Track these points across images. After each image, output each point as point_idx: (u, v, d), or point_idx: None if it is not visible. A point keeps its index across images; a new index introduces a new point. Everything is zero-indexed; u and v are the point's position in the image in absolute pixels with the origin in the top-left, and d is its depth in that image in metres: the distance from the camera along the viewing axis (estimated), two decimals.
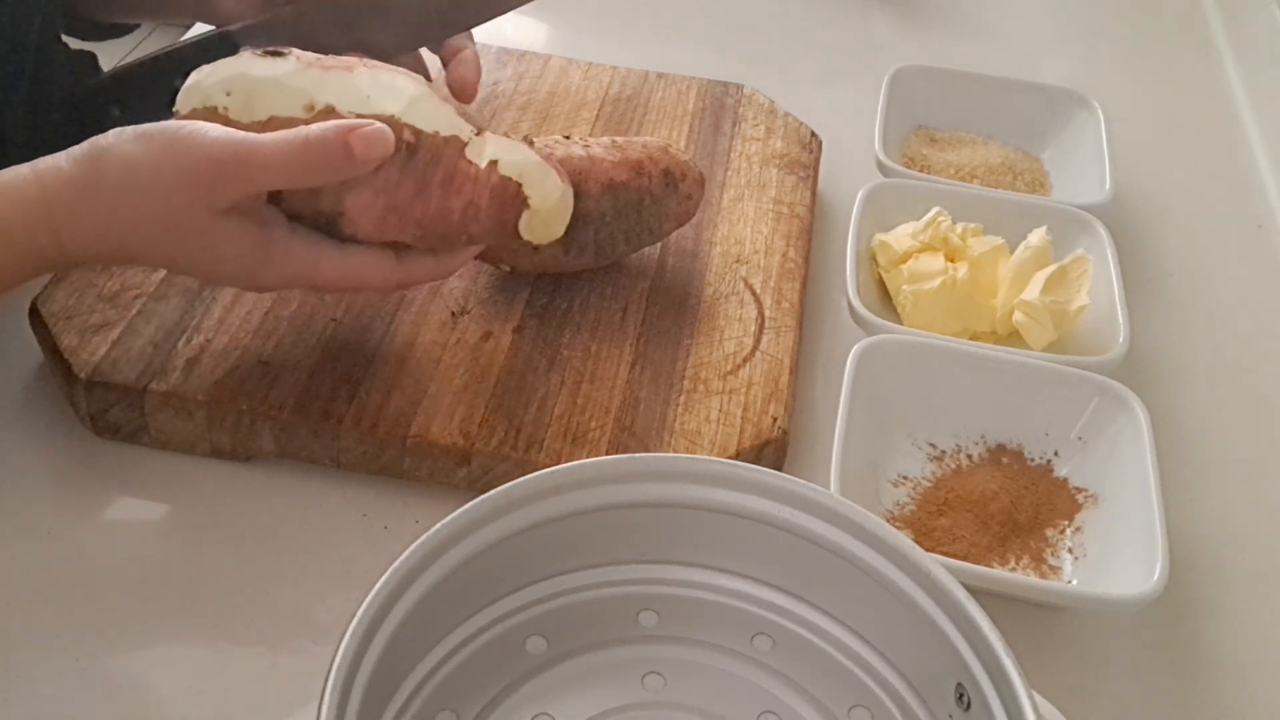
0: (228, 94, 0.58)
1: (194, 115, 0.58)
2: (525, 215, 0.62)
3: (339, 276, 0.60)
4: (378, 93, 0.59)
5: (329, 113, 0.58)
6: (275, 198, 0.58)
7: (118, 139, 0.55)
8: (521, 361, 0.67)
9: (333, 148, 0.55)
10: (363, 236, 0.60)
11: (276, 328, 0.67)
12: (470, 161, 0.60)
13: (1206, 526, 0.68)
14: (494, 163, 0.61)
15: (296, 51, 0.60)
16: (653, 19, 1.08)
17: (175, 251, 0.57)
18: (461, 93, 0.72)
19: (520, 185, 0.61)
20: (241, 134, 0.55)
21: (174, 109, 0.59)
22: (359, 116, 0.57)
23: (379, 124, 0.57)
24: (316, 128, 0.56)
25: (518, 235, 0.63)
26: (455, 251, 0.63)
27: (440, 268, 0.63)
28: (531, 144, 0.64)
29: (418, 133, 0.59)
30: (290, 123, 0.57)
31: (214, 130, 0.55)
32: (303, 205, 0.59)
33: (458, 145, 0.60)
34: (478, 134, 0.61)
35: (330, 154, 0.55)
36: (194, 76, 0.59)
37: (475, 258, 0.70)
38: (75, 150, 0.55)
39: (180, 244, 0.56)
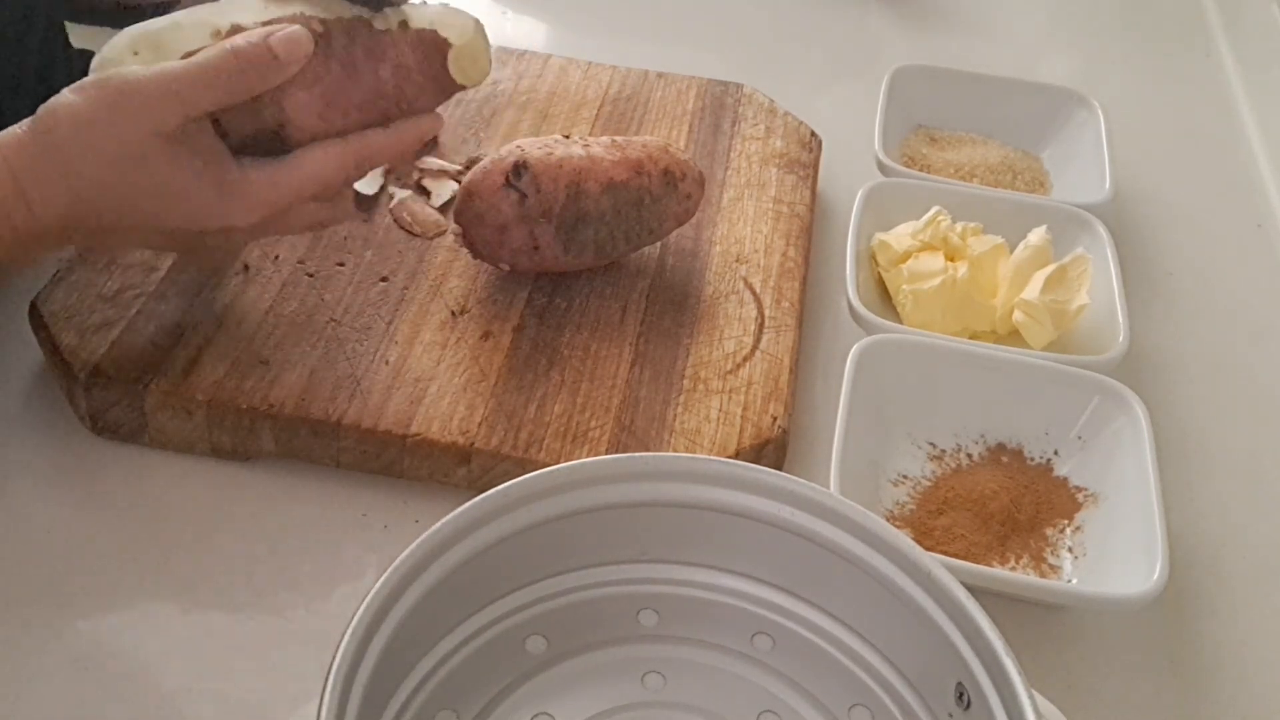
0: (135, 53, 0.59)
1: None
2: (451, 56, 0.63)
3: (300, 183, 0.60)
4: (269, 2, 0.60)
5: (236, 30, 0.59)
6: (219, 131, 0.59)
7: (58, 98, 0.56)
8: (521, 361, 0.67)
9: (259, 53, 0.57)
10: (310, 138, 0.61)
11: (276, 327, 0.67)
12: (384, 30, 0.62)
13: (1206, 526, 0.68)
14: (403, 22, 0.62)
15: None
16: (653, 19, 1.08)
17: (132, 196, 0.57)
18: None
19: (435, 30, 0.62)
20: (170, 63, 0.57)
21: None
22: (265, 24, 0.59)
23: (294, 25, 0.58)
24: (238, 38, 0.57)
25: (452, 82, 0.64)
26: (404, 121, 0.63)
27: (393, 137, 0.63)
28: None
29: (324, 20, 0.60)
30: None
31: (142, 68, 0.57)
32: (246, 124, 0.59)
33: (364, 22, 0.61)
34: (371, 10, 0.62)
35: (257, 60, 0.57)
36: (98, 55, 0.60)
37: (475, 257, 0.71)
38: (27, 119, 0.56)
39: (134, 184, 0.57)
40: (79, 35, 0.83)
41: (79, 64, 0.86)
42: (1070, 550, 0.63)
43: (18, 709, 0.53)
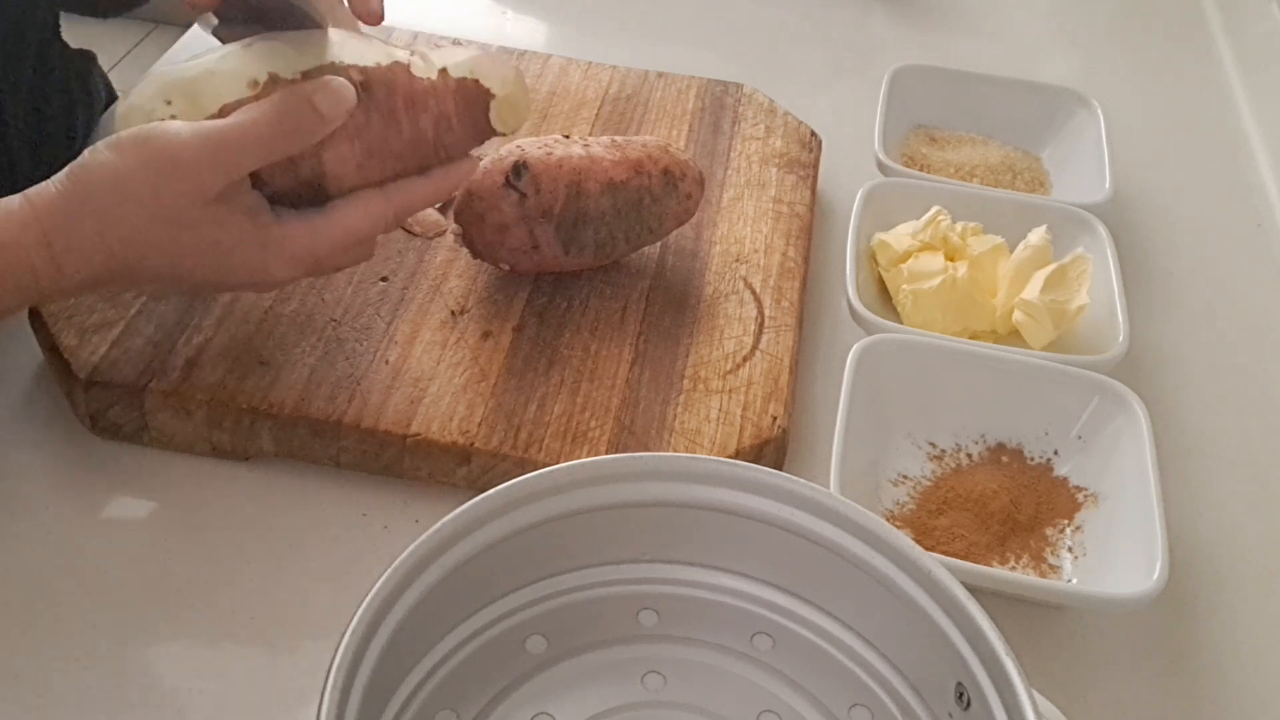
0: (168, 103, 0.57)
1: None
2: (493, 106, 0.62)
3: (341, 235, 0.59)
4: (304, 50, 0.59)
5: (273, 82, 0.58)
6: (257, 182, 0.58)
7: (93, 155, 0.55)
8: (521, 361, 0.67)
9: (302, 111, 0.56)
10: (349, 190, 0.60)
11: (276, 327, 0.67)
12: (424, 78, 0.61)
13: (1206, 525, 0.68)
14: (443, 70, 0.61)
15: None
16: (653, 19, 1.08)
17: (176, 254, 0.57)
18: (368, 16, 0.72)
19: (477, 80, 0.62)
20: (211, 122, 0.56)
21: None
22: (303, 74, 0.58)
23: (335, 77, 0.57)
24: (279, 96, 0.56)
25: (490, 129, 0.63)
26: (442, 169, 0.63)
27: (432, 186, 0.62)
28: (459, 44, 0.65)
29: (363, 70, 0.59)
30: (241, 105, 0.57)
31: (183, 125, 0.55)
32: (285, 180, 0.59)
33: (403, 69, 0.60)
34: (410, 54, 0.61)
35: (301, 117, 0.56)
36: (123, 99, 0.59)
37: (475, 256, 0.71)
38: (59, 175, 0.55)
39: (178, 243, 0.56)
40: (76, 36, 0.83)
41: (76, 64, 0.86)
42: (1070, 550, 0.63)
43: (17, 709, 0.53)
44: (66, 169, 0.55)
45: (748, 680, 0.49)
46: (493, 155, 0.70)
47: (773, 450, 0.66)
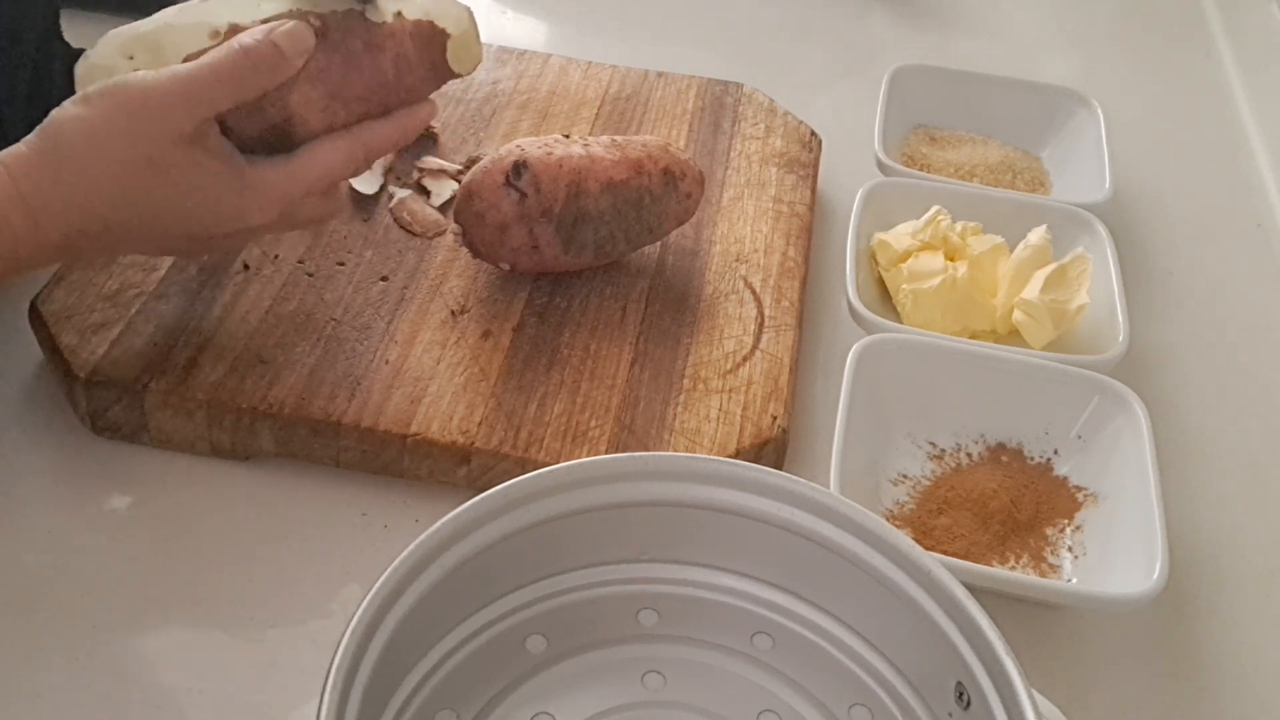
0: (130, 57, 0.59)
1: None
2: (449, 46, 0.64)
3: (313, 176, 0.60)
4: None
5: (233, 31, 0.59)
6: (225, 131, 0.59)
7: (62, 111, 0.56)
8: (521, 360, 0.67)
9: (264, 51, 0.57)
10: (315, 133, 0.61)
11: (276, 326, 0.67)
12: (378, 22, 0.62)
13: (1206, 525, 0.68)
14: (398, 14, 0.62)
15: None
16: (653, 18, 1.07)
17: (153, 206, 0.57)
18: None
19: (432, 21, 0.63)
20: (178, 67, 0.57)
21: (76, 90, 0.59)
22: (263, 22, 0.59)
23: (295, 21, 0.59)
24: (243, 36, 0.57)
25: (448, 70, 0.65)
26: (405, 110, 0.64)
27: (395, 126, 0.63)
28: None
29: (320, 16, 0.60)
30: (203, 53, 0.58)
31: (149, 75, 0.56)
32: (253, 126, 0.59)
33: (358, 15, 0.61)
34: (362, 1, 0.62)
35: (264, 57, 0.57)
36: (83, 60, 0.59)
37: (475, 256, 0.71)
38: (31, 134, 0.56)
39: (155, 194, 0.56)
40: (76, 35, 0.83)
41: (75, 63, 0.86)
42: (1070, 550, 0.63)
43: (17, 709, 0.53)
44: (38, 128, 0.56)
45: (748, 680, 0.48)
46: (493, 155, 0.70)
47: (773, 450, 0.66)
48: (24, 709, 0.53)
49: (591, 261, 0.71)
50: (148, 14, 0.62)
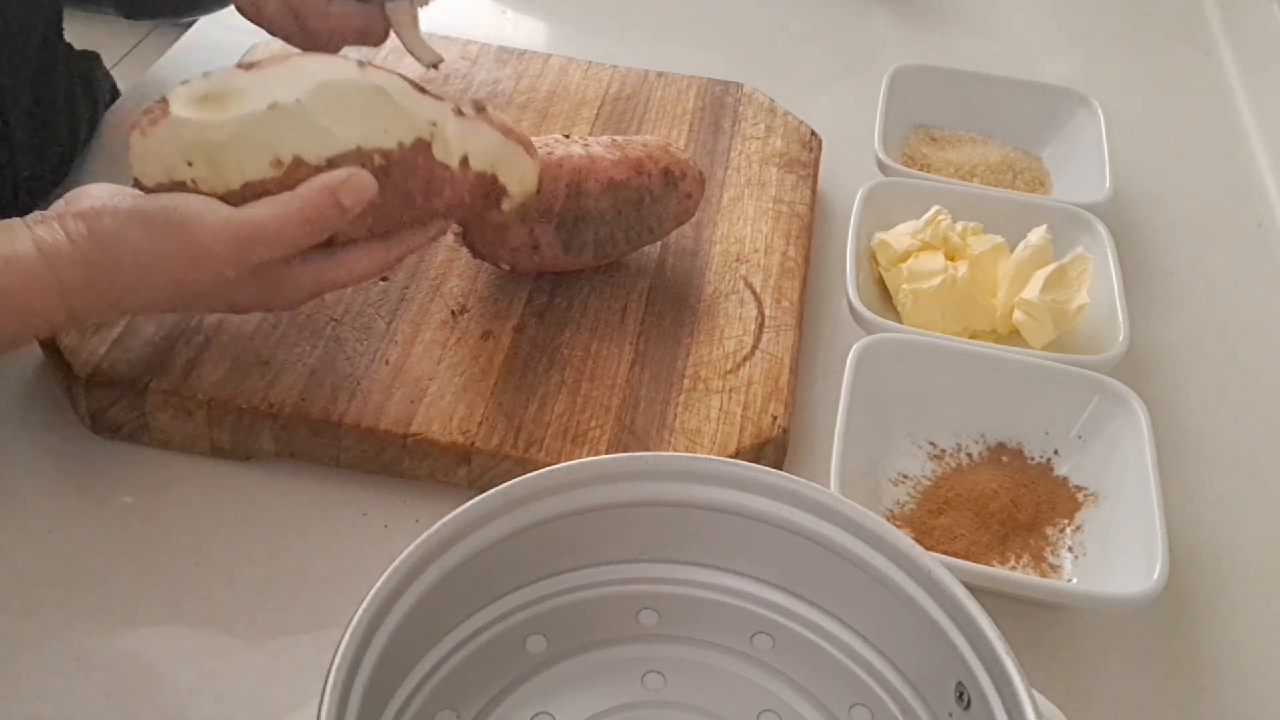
0: (189, 164, 0.57)
1: (161, 188, 0.57)
2: (505, 202, 0.64)
3: (345, 277, 0.61)
4: (332, 118, 0.57)
5: (298, 165, 0.57)
6: None
7: (115, 222, 0.55)
8: (521, 360, 0.67)
9: (326, 207, 0.57)
10: (353, 239, 0.60)
11: (276, 327, 0.67)
12: (444, 165, 0.60)
13: (1206, 525, 0.68)
14: (464, 160, 0.61)
15: (228, 70, 0.59)
16: (653, 18, 1.08)
17: (187, 305, 0.60)
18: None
19: (496, 175, 0.62)
20: (239, 214, 0.56)
21: (134, 178, 0.58)
22: (328, 160, 0.57)
23: (358, 171, 0.57)
24: (304, 192, 0.56)
25: (500, 212, 0.64)
26: (440, 221, 0.64)
27: (430, 234, 0.63)
28: (483, 111, 0.63)
29: (386, 154, 0.58)
30: (263, 184, 0.57)
31: (209, 214, 0.56)
32: None
33: (424, 148, 0.59)
34: (434, 123, 0.60)
35: (325, 213, 0.57)
36: (138, 140, 0.57)
37: (475, 256, 0.71)
38: (72, 228, 0.55)
39: (195, 304, 0.60)
40: (79, 36, 0.83)
41: (80, 65, 0.86)
42: (1070, 550, 0.63)
43: (17, 708, 0.53)
44: (84, 223, 0.55)
45: (748, 680, 0.48)
46: None
47: (773, 450, 0.66)
48: (24, 709, 0.53)
49: (591, 261, 0.71)
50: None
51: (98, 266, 0.55)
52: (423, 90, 0.60)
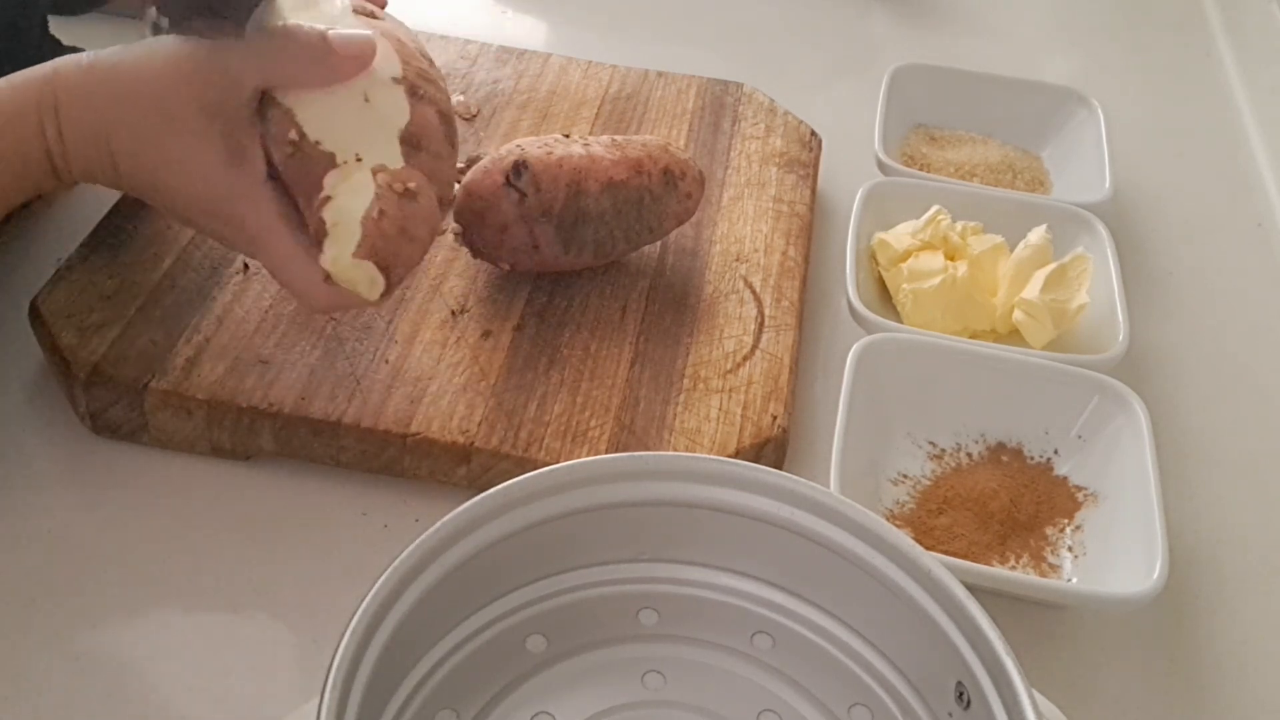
0: None
1: None
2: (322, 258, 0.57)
3: (279, 258, 0.58)
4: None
5: (380, 170, 0.57)
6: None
7: (124, 51, 0.57)
8: (521, 360, 0.67)
9: (316, 46, 0.56)
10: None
11: (276, 326, 0.67)
12: (323, 188, 0.56)
13: (1206, 525, 0.68)
14: (327, 199, 0.56)
15: None
16: (653, 19, 1.08)
17: (153, 153, 0.57)
18: None
19: (326, 234, 0.56)
20: (227, 49, 0.56)
21: None
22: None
23: (365, 33, 0.57)
24: (301, 33, 0.56)
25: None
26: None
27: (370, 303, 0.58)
28: (410, 195, 0.57)
29: (301, 135, 0.56)
30: None
31: (203, 46, 0.56)
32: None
33: (328, 163, 0.56)
34: (359, 158, 0.56)
35: (312, 49, 0.56)
36: None
37: (475, 256, 0.71)
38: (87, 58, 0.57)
39: (159, 140, 0.56)
40: (69, 35, 0.83)
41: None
42: (1070, 549, 0.63)
43: (17, 708, 0.53)
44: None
45: (748, 680, 0.48)
46: (493, 155, 0.70)
47: (773, 450, 0.66)
48: (23, 708, 0.53)
49: (591, 261, 0.71)
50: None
51: (91, 62, 0.56)
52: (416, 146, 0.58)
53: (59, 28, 0.83)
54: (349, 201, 0.56)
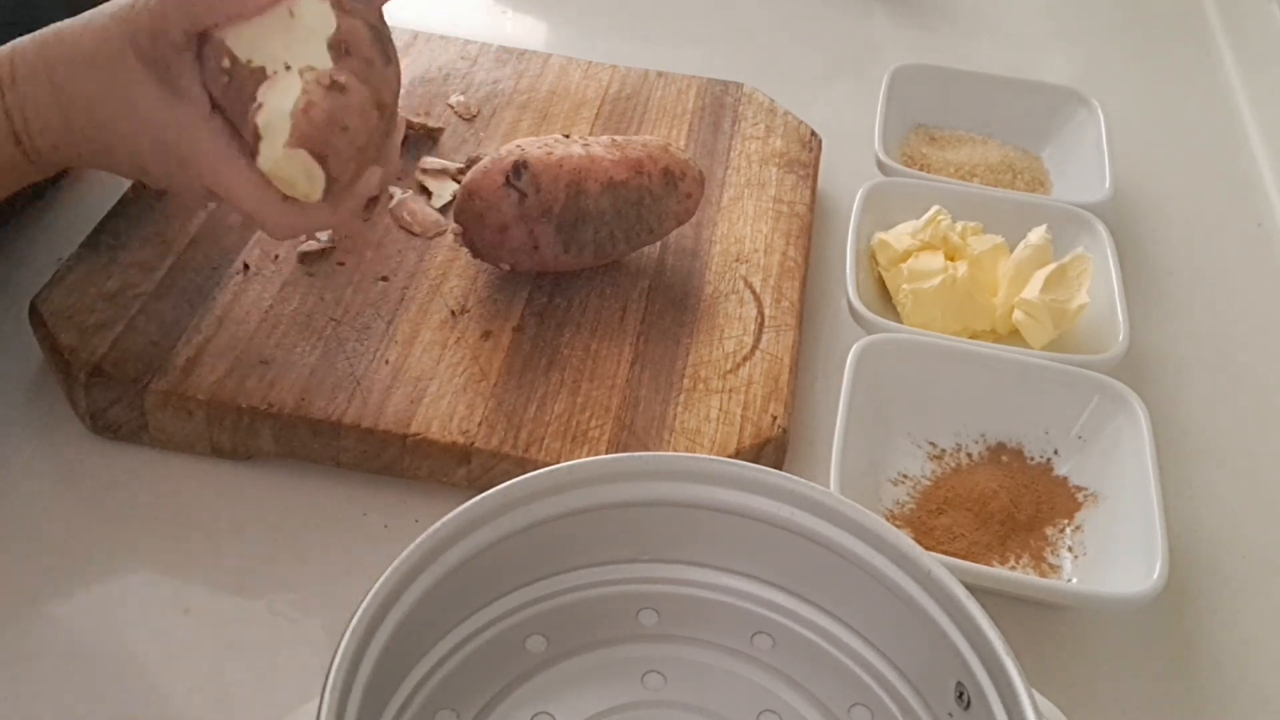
0: None
1: None
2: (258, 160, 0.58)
3: (234, 187, 0.58)
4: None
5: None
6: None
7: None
8: (521, 360, 0.67)
9: None
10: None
11: (276, 326, 0.67)
12: (255, 99, 0.57)
13: (1206, 525, 0.68)
14: (260, 105, 0.57)
15: None
16: (653, 19, 1.08)
17: (99, 108, 0.57)
18: None
19: (260, 137, 0.57)
20: None
21: None
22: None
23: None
24: None
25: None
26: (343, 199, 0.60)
27: (330, 216, 0.60)
28: (339, 87, 0.58)
29: (233, 59, 0.57)
30: None
31: None
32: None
33: (259, 78, 0.57)
34: (287, 66, 0.57)
35: None
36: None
37: (475, 256, 0.71)
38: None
39: (102, 94, 0.57)
40: None
41: None
42: (1070, 550, 0.63)
43: (16, 708, 0.53)
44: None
45: (748, 680, 0.48)
46: (493, 155, 0.70)
47: (773, 450, 0.66)
48: (22, 708, 0.53)
49: (591, 261, 0.71)
50: None
51: (46, 37, 0.58)
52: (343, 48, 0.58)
53: None
54: (278, 101, 0.57)
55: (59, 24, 0.58)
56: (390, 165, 0.63)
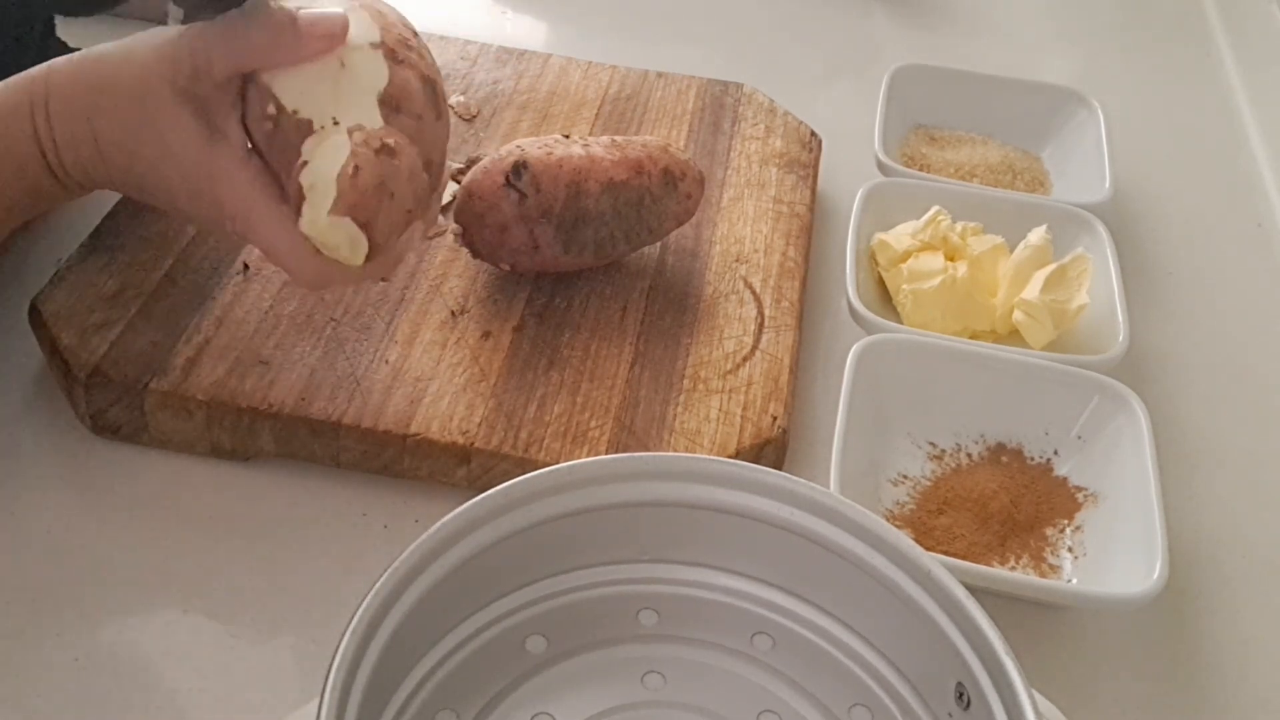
0: None
1: None
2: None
3: (266, 235, 0.57)
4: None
5: (357, 129, 0.56)
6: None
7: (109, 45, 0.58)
8: (521, 360, 0.67)
9: (282, 22, 0.55)
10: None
11: (276, 326, 0.67)
12: (300, 155, 0.56)
13: (1206, 525, 0.68)
14: (305, 163, 0.55)
15: None
16: (653, 19, 1.08)
17: (133, 141, 0.57)
18: None
19: (304, 199, 0.55)
20: (207, 30, 0.57)
21: None
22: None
23: (336, 10, 0.56)
24: (274, 9, 0.56)
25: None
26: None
27: (362, 272, 0.59)
28: (389, 151, 0.56)
29: (279, 108, 0.56)
30: None
31: (179, 32, 0.57)
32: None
33: (305, 130, 0.56)
34: (335, 122, 0.56)
35: (279, 30, 0.55)
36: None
37: (475, 256, 0.71)
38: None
39: (137, 127, 0.56)
40: (73, 35, 0.83)
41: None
42: (1070, 550, 0.63)
43: (17, 709, 0.53)
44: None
45: (748, 680, 0.48)
46: (493, 155, 0.70)
47: (773, 450, 0.66)
48: (23, 708, 0.53)
49: (591, 262, 0.71)
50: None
51: (83, 63, 0.57)
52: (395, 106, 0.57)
53: (66, 31, 0.83)
54: (324, 163, 0.55)
55: (99, 49, 0.57)
56: (431, 218, 0.63)
